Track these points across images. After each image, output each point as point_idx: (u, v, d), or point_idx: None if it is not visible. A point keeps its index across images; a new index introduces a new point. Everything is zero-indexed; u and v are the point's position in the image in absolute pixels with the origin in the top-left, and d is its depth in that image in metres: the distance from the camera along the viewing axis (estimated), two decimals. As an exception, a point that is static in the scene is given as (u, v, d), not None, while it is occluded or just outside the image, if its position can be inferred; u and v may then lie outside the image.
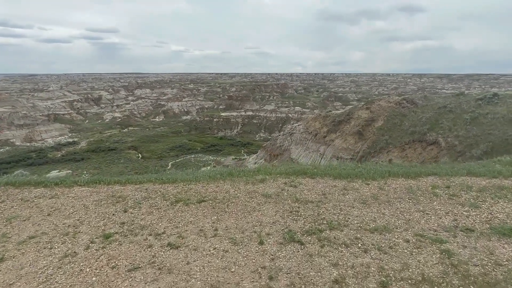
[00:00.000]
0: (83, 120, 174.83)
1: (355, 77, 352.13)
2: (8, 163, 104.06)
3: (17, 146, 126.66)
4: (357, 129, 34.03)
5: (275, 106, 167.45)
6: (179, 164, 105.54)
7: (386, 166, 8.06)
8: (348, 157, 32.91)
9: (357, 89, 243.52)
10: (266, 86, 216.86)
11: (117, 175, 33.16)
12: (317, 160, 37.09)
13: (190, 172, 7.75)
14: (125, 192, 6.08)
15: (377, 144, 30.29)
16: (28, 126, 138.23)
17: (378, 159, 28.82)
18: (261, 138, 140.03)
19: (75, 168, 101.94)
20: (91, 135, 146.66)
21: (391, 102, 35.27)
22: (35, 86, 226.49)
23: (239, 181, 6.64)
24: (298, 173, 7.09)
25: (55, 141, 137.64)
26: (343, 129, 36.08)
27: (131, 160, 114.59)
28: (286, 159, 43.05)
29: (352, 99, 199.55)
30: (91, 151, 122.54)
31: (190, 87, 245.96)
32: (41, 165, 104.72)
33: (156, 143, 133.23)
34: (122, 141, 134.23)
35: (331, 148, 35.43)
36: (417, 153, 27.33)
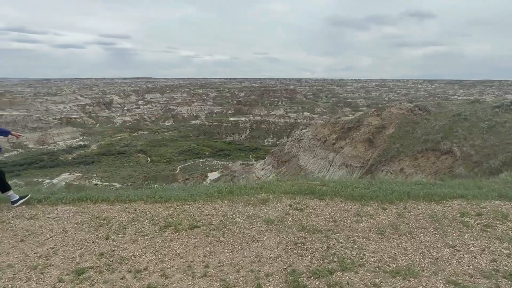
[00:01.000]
0: (94, 123, 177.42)
1: (364, 83, 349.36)
2: (21, 165, 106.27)
3: (30, 149, 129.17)
4: (367, 137, 33.12)
5: (283, 111, 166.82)
6: (187, 168, 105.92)
7: (403, 183, 7.26)
8: (357, 165, 31.98)
9: (366, 94, 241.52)
10: (274, 91, 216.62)
11: (127, 177, 33.01)
12: (326, 167, 36.19)
13: (186, 188, 7.09)
14: (111, 213, 5.44)
15: (388, 152, 29.35)
16: (41, 129, 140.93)
17: (389, 167, 27.90)
18: (269, 143, 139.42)
19: (85, 171, 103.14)
20: (101, 139, 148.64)
21: (403, 109, 34.27)
22: (49, 90, 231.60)
23: (239, 201, 5.94)
24: (305, 192, 6.35)
25: (67, 144, 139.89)
26: (352, 136, 35.21)
27: (140, 164, 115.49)
28: (294, 166, 42.25)
29: (361, 104, 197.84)
30: (101, 154, 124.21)
31: (199, 92, 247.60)
32: (53, 168, 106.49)
33: (165, 147, 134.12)
34: (131, 145, 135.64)
35: (340, 156, 34.54)
36: (430, 162, 26.24)
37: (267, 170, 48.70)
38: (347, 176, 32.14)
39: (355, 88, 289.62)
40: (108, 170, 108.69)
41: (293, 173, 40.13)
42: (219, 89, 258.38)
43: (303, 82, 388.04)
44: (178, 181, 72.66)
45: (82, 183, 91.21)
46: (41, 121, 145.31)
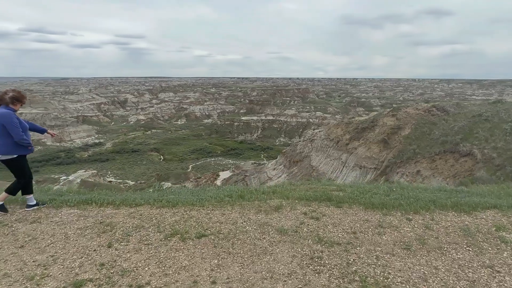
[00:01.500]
0: (109, 122, 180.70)
1: (378, 82, 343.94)
2: (39, 161, 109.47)
3: (48, 146, 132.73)
4: (382, 137, 32.31)
5: (295, 110, 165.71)
6: (199, 167, 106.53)
7: (426, 190, 6.74)
8: (372, 167, 31.23)
9: (380, 94, 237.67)
10: (287, 90, 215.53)
11: (140, 175, 33.10)
12: (339, 168, 35.51)
13: (195, 192, 6.77)
14: (116, 218, 5.16)
15: (404, 154, 28.50)
16: (59, 127, 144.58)
17: (404, 169, 27.13)
18: (281, 143, 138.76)
19: (100, 169, 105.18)
20: (116, 137, 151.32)
21: (420, 109, 33.29)
22: (66, 89, 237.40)
23: (250, 207, 5.57)
24: (321, 198, 5.93)
25: (83, 141, 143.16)
26: (367, 136, 34.42)
27: (153, 162, 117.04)
28: (306, 166, 41.63)
29: (375, 104, 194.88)
30: (115, 152, 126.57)
31: (212, 91, 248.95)
32: (69, 165, 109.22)
33: (178, 146, 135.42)
34: (145, 143, 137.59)
35: (354, 157, 33.80)
36: (449, 165, 25.27)
37: (279, 170, 48.22)
38: (361, 178, 31.33)
39: (369, 87, 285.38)
40: (122, 167, 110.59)
41: (305, 174, 39.55)
42: (231, 89, 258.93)
43: (316, 81, 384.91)
44: (190, 180, 73.01)
45: (97, 180, 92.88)
46: (58, 119, 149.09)
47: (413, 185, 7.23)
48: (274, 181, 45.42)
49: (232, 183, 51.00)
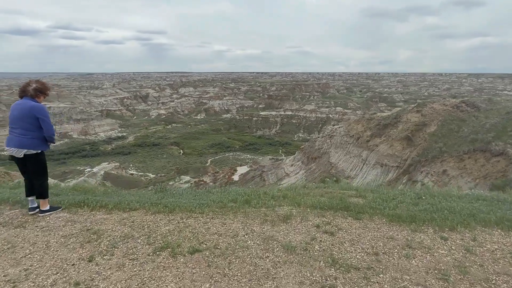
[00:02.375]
0: (131, 116, 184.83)
1: (402, 77, 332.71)
2: (66, 153, 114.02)
3: (74, 139, 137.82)
4: (405, 134, 30.78)
5: (315, 106, 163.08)
6: (218, 161, 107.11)
7: (461, 198, 5.81)
8: (394, 165, 29.83)
9: (404, 89, 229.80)
10: (306, 85, 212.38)
11: (160, 168, 32.94)
12: (359, 166, 34.28)
13: (197, 194, 6.17)
14: (105, 225, 4.62)
15: (429, 152, 26.98)
16: (84, 121, 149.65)
17: (429, 169, 25.66)
18: (300, 138, 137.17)
19: (122, 161, 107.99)
20: (138, 131, 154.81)
21: (447, 105, 31.39)
22: (91, 84, 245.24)
23: (255, 216, 4.89)
24: (337, 207, 5.16)
25: (107, 135, 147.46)
26: (389, 133, 32.92)
27: (173, 156, 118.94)
28: (325, 163, 40.51)
29: (398, 100, 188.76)
30: (137, 145, 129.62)
31: (231, 86, 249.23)
32: (94, 157, 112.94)
33: (197, 140, 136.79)
34: (165, 137, 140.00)
35: (375, 154, 32.44)
36: (479, 165, 23.61)
37: (297, 166, 47.28)
38: (382, 176, 29.96)
39: (392, 82, 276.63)
40: (144, 161, 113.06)
41: (323, 171, 38.46)
42: (250, 83, 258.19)
43: (336, 76, 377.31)
44: (208, 174, 73.35)
45: (119, 173, 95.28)
46: (84, 113, 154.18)
47: (444, 192, 6.29)
48: (292, 177, 44.57)
49: (249, 179, 50.61)
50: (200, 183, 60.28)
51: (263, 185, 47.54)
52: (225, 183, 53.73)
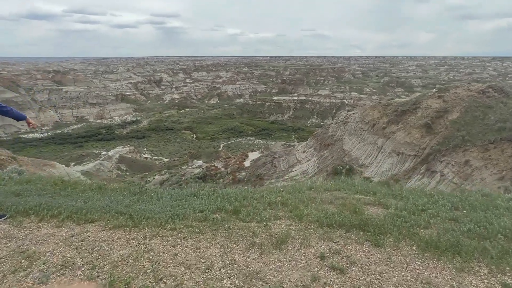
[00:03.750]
0: (145, 100, 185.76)
1: (421, 61, 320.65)
2: (83, 137, 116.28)
3: (91, 123, 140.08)
4: (425, 121, 28.93)
5: (329, 91, 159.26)
6: (230, 146, 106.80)
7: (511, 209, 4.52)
8: (411, 154, 28.19)
9: (423, 74, 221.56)
10: (321, 69, 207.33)
11: (174, 153, 32.10)
12: (374, 154, 32.76)
13: (180, 197, 5.08)
14: (46, 246, 3.66)
15: (450, 141, 25.23)
16: (100, 105, 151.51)
17: (450, 158, 24.00)
18: (313, 124, 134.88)
19: (137, 145, 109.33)
20: (152, 115, 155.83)
21: (472, 90, 29.21)
22: (106, 68, 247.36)
23: (241, 236, 3.78)
24: (350, 224, 3.99)
25: (121, 119, 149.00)
26: (407, 120, 31.10)
27: (186, 140, 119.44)
28: (338, 150, 39.05)
29: (416, 85, 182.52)
30: (151, 129, 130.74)
31: (244, 71, 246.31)
32: (109, 141, 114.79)
33: (210, 125, 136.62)
34: (179, 122, 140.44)
35: (391, 142, 30.78)
36: (506, 155, 21.81)
37: (309, 153, 45.96)
38: (398, 165, 28.41)
39: (410, 66, 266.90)
40: (157, 145, 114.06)
41: (336, 158, 37.08)
42: (263, 68, 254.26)
43: (352, 60, 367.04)
44: (219, 159, 72.90)
45: (134, 157, 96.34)
46: (99, 97, 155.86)
47: (486, 201, 4.98)
48: (303, 164, 43.38)
49: (260, 165, 49.65)
50: (212, 168, 59.92)
51: (274, 171, 46.62)
52: (236, 168, 53.03)
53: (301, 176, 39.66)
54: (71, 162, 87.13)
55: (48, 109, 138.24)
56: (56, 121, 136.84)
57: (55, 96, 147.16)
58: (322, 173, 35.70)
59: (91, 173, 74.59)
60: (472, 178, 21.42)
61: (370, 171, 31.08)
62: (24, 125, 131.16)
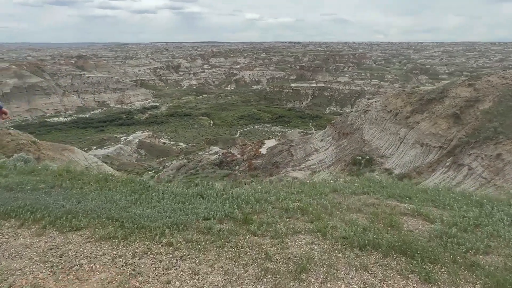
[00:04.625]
0: (164, 86, 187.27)
1: (448, 47, 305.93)
2: (104, 122, 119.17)
3: (111, 108, 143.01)
4: (453, 111, 27.21)
5: (349, 78, 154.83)
6: (247, 133, 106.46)
7: None
8: (436, 145, 26.69)
9: (449, 60, 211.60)
10: (341, 56, 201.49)
11: (191, 138, 31.87)
12: (395, 144, 31.36)
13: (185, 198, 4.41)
14: (16, 263, 3.26)
15: (481, 132, 23.61)
16: (120, 90, 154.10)
17: (480, 151, 22.48)
18: (331, 111, 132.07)
19: (155, 130, 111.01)
20: (170, 101, 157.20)
21: (507, 78, 27.19)
22: (126, 54, 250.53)
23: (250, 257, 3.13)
24: (388, 246, 3.18)
25: (141, 104, 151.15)
26: (433, 109, 29.40)
27: (203, 126, 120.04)
28: (357, 139, 37.73)
29: (442, 72, 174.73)
30: (169, 115, 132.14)
31: (262, 57, 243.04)
32: (129, 125, 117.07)
33: (227, 111, 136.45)
34: (196, 108, 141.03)
35: (415, 132, 29.26)
36: (543, 149, 20.18)
37: (326, 142, 44.74)
38: (422, 157, 27.00)
39: (436, 52, 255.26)
40: (175, 130, 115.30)
41: (355, 148, 35.86)
42: (282, 54, 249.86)
43: (374, 45, 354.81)
44: (236, 146, 72.67)
45: (153, 141, 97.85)
46: (120, 83, 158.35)
47: None
48: (321, 153, 42.28)
49: (277, 153, 48.85)
50: (228, 155, 59.73)
51: (290, 160, 45.79)
52: (253, 156, 52.48)
53: (318, 165, 38.69)
54: (93, 146, 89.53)
55: (71, 94, 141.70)
56: (79, 105, 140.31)
57: (78, 81, 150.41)
58: (340, 163, 34.60)
59: (112, 157, 76.26)
60: (503, 173, 19.92)
61: (390, 162, 29.75)
62: (50, 109, 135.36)
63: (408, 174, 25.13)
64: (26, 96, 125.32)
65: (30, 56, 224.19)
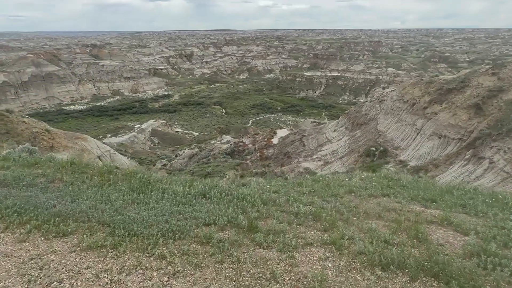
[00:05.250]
0: (177, 75, 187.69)
1: (470, 33, 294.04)
2: (118, 110, 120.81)
3: (125, 96, 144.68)
4: (474, 101, 26.01)
5: (364, 66, 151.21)
6: (258, 122, 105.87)
7: None
8: (455, 137, 25.63)
9: (470, 48, 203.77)
10: (356, 43, 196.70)
11: (203, 127, 31.75)
12: (411, 136, 30.39)
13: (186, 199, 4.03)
14: None
15: (504, 124, 22.51)
16: (134, 79, 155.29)
17: (502, 144, 21.50)
18: (345, 101, 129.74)
19: (168, 119, 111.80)
20: (183, 89, 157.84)
21: (535, 66, 25.64)
22: (140, 42, 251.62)
23: (254, 275, 2.64)
24: (418, 265, 2.66)
25: (154, 93, 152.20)
26: (453, 99, 28.20)
27: (215, 115, 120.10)
28: (371, 130, 36.80)
29: (462, 60, 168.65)
30: (182, 104, 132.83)
31: (275, 45, 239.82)
32: (143, 114, 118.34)
33: (239, 100, 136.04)
34: (209, 96, 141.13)
35: (432, 123, 28.19)
36: None
37: (340, 132, 43.86)
38: (439, 149, 26.03)
39: (456, 40, 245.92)
40: (188, 119, 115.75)
41: (369, 139, 34.97)
42: (295, 42, 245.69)
43: (391, 33, 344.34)
44: (248, 135, 72.40)
45: (166, 130, 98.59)
46: (133, 71, 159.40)
47: None
48: (334, 144, 41.50)
49: (289, 143, 48.25)
50: (240, 144, 59.49)
51: (302, 150, 45.18)
52: (264, 145, 52.05)
53: (331, 156, 37.97)
54: (108, 134, 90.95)
55: (86, 82, 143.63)
56: (94, 94, 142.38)
57: (93, 70, 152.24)
58: (353, 154, 33.82)
59: (126, 145, 77.32)
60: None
61: (406, 154, 28.81)
62: (66, 97, 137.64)
63: (424, 167, 24.27)
64: (44, 85, 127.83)
65: (46, 45, 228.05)
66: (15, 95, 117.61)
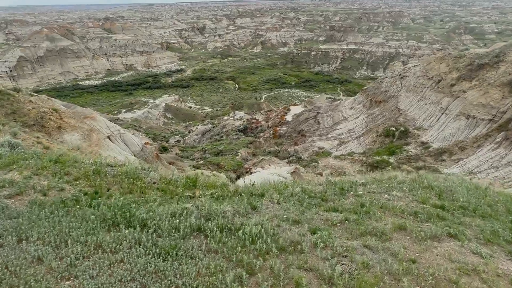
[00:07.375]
0: (189, 48, 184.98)
1: (500, 1, 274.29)
2: (132, 85, 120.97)
3: (139, 71, 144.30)
4: (509, 79, 24.03)
5: (383, 38, 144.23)
6: (272, 98, 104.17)
7: None
8: (485, 118, 23.90)
9: (500, 17, 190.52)
10: (375, 14, 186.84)
11: (216, 103, 30.81)
12: (435, 115, 28.67)
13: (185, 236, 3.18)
14: None
15: (541, 104, 20.61)
16: (147, 53, 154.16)
17: (537, 126, 19.69)
18: (362, 76, 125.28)
19: (181, 94, 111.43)
20: (195, 64, 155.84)
21: None
22: (152, 15, 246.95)
23: None
24: None
25: (167, 67, 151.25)
26: (484, 76, 26.12)
27: (228, 90, 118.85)
28: (391, 108, 34.99)
29: (489, 31, 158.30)
30: (195, 79, 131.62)
31: (290, 16, 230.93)
32: (156, 89, 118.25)
33: (252, 75, 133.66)
34: (221, 71, 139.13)
35: (460, 102, 26.36)
36: None
37: (357, 110, 42.04)
38: (466, 131, 24.37)
39: (485, 8, 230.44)
40: (201, 94, 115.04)
41: (389, 118, 33.28)
42: (311, 13, 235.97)
43: (414, 2, 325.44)
44: (261, 112, 71.08)
45: (179, 105, 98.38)
46: (146, 46, 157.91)
47: None
48: (350, 122, 39.92)
49: (303, 120, 46.78)
50: (253, 121, 58.34)
51: (317, 128, 43.75)
52: (277, 123, 50.82)
53: (347, 135, 36.61)
54: (122, 109, 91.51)
55: (100, 57, 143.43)
56: (108, 68, 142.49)
57: (106, 44, 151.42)
58: (371, 133, 32.39)
59: (140, 120, 77.68)
60: None
61: (429, 135, 27.25)
62: (81, 72, 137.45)
63: (448, 149, 22.78)
64: (59, 59, 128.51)
65: (60, 19, 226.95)
66: (32, 70, 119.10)
